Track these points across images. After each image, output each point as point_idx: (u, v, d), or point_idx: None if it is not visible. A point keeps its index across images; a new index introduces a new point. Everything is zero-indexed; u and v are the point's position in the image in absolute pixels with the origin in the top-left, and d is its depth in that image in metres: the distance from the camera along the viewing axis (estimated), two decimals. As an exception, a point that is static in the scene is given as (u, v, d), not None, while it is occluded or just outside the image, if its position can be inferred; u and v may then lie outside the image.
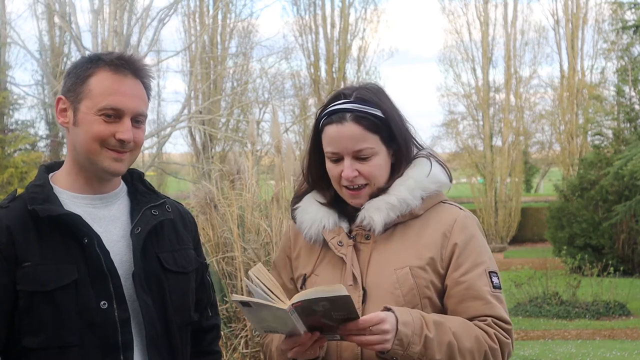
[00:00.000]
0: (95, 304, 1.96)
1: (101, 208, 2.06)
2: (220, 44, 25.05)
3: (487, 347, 2.07)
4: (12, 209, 2.00)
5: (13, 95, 20.98)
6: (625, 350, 9.81)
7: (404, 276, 2.11)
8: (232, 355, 5.29)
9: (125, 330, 1.99)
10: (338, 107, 2.17)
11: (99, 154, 2.01)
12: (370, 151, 2.15)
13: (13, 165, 17.89)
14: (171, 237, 2.15)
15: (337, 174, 2.18)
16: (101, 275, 1.98)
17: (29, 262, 1.94)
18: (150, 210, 2.11)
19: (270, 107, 24.17)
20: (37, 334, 1.94)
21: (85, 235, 1.98)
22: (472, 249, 2.16)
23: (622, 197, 18.34)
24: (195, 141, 24.28)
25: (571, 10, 27.98)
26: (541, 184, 42.76)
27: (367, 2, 27.15)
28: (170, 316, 2.08)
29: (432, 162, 2.22)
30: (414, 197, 2.16)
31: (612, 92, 24.38)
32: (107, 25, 18.62)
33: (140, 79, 2.06)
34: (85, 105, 2.01)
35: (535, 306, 13.33)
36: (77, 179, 2.07)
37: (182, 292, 2.13)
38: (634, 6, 16.81)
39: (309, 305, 1.91)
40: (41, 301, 1.93)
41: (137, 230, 2.06)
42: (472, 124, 29.38)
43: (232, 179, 5.58)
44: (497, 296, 2.15)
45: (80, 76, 2.03)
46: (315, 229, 2.22)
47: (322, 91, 26.47)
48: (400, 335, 1.97)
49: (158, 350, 2.04)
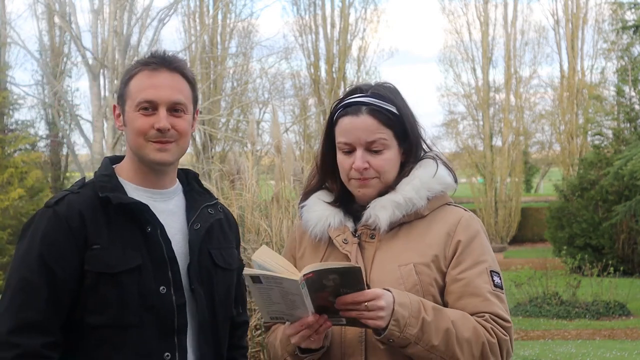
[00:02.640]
0: (155, 288, 2.09)
1: (160, 202, 2.20)
2: (220, 44, 25.05)
3: (485, 340, 2.08)
4: (82, 195, 2.13)
5: (13, 95, 20.97)
6: (625, 350, 9.81)
7: (408, 272, 2.12)
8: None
9: (181, 315, 2.11)
10: (354, 100, 2.21)
11: (145, 147, 2.15)
12: (383, 144, 2.18)
13: (13, 165, 17.87)
14: (219, 236, 2.29)
15: (347, 166, 2.20)
16: (162, 262, 2.11)
17: (98, 244, 2.07)
18: (207, 209, 2.26)
19: (270, 107, 24.22)
20: (101, 313, 2.06)
21: (150, 223, 2.11)
22: (474, 247, 2.17)
23: (622, 197, 18.34)
24: (195, 141, 24.26)
25: (571, 10, 27.99)
26: (541, 184, 42.78)
27: (367, 2, 27.18)
28: (217, 308, 2.21)
29: (439, 163, 2.24)
30: (419, 197, 2.18)
31: (612, 92, 24.41)
32: (107, 25, 18.62)
33: (176, 71, 2.18)
34: (128, 105, 2.17)
35: (535, 306, 13.33)
36: (137, 173, 2.21)
37: (227, 287, 2.27)
38: (634, 6, 16.82)
39: (320, 278, 1.93)
40: (107, 282, 2.06)
41: (197, 226, 2.20)
42: (472, 124, 29.42)
43: (232, 179, 5.58)
44: (497, 295, 2.15)
45: (123, 81, 2.21)
46: (320, 227, 2.24)
47: (322, 91, 26.47)
48: (396, 316, 1.99)
49: (206, 337, 2.17)
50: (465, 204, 30.65)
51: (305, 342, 2.06)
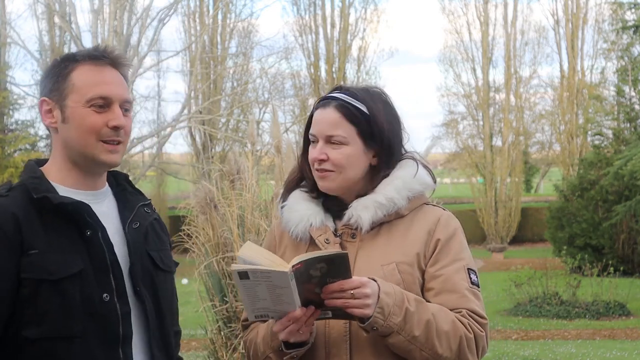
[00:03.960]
0: (98, 296, 1.96)
1: (94, 204, 2.05)
2: (220, 44, 25.04)
3: (463, 334, 2.11)
4: (13, 198, 1.99)
5: (13, 95, 20.96)
6: (625, 350, 9.81)
7: (391, 272, 2.15)
8: (232, 355, 5.29)
9: (126, 324, 1.99)
10: (328, 95, 2.29)
11: (94, 147, 2.02)
12: (342, 139, 2.21)
13: (13, 165, 17.89)
14: (154, 237, 2.17)
15: (310, 157, 2.26)
16: (103, 267, 1.98)
17: (35, 250, 1.92)
18: (143, 208, 2.16)
19: (270, 107, 24.18)
20: (39, 324, 1.91)
21: (90, 226, 1.99)
22: (452, 245, 2.21)
23: (622, 197, 18.33)
24: (195, 141, 24.28)
25: (571, 10, 27.97)
26: (541, 184, 42.77)
27: (367, 2, 27.15)
28: (164, 313, 2.10)
29: (418, 164, 2.28)
30: (400, 197, 2.21)
31: (612, 92, 24.38)
32: (107, 25, 18.60)
33: (118, 68, 2.08)
34: (72, 100, 2.02)
35: (535, 306, 13.33)
36: (69, 175, 2.07)
37: (170, 290, 2.17)
38: (634, 6, 16.81)
39: (307, 269, 1.94)
40: (47, 290, 1.91)
41: (136, 225, 2.09)
42: (472, 124, 29.37)
43: (232, 179, 5.58)
44: (474, 292, 2.19)
45: (60, 74, 2.05)
46: (302, 227, 2.25)
47: (322, 91, 26.44)
48: (381, 304, 2.01)
49: (155, 346, 2.06)
50: (465, 204, 30.70)
51: (293, 337, 2.06)
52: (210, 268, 5.52)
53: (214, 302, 5.53)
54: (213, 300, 5.56)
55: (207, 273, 5.57)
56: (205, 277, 5.60)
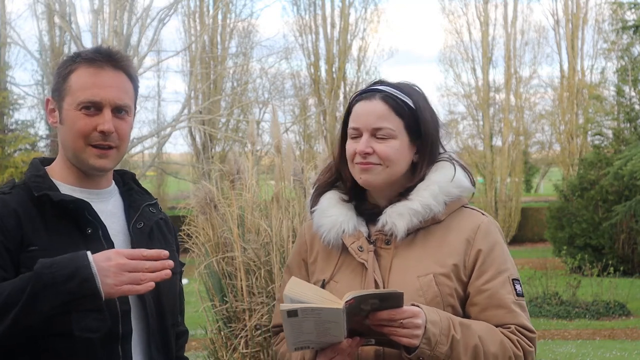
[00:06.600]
0: None
1: (98, 202, 2.06)
2: (220, 44, 25.04)
3: (512, 353, 2.05)
4: (15, 195, 2.01)
5: (13, 95, 20.98)
6: (625, 350, 9.80)
7: (428, 283, 2.07)
8: (232, 355, 5.29)
9: (126, 322, 1.99)
10: (371, 88, 2.18)
11: (83, 151, 2.02)
12: (390, 132, 2.12)
13: (13, 165, 17.90)
14: (160, 237, 2.17)
15: (352, 150, 2.15)
16: None
17: (35, 246, 1.93)
18: (149, 208, 2.15)
19: (270, 107, 24.21)
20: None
21: (91, 224, 1.99)
22: (495, 256, 2.13)
23: (622, 197, 18.31)
24: (195, 141, 24.28)
25: (571, 10, 27.97)
26: (541, 184, 42.76)
27: (367, 2, 27.16)
28: (165, 313, 2.10)
29: (455, 165, 2.19)
30: (437, 203, 2.12)
31: (612, 92, 24.37)
32: (107, 25, 18.61)
33: (122, 70, 2.06)
34: (67, 102, 2.03)
35: (535, 306, 13.32)
36: (70, 173, 2.08)
37: (173, 291, 2.16)
38: (634, 6, 16.80)
39: (359, 303, 1.88)
40: None
41: (140, 225, 2.09)
42: (472, 124, 29.39)
43: (232, 179, 5.58)
44: (520, 304, 2.13)
45: (61, 75, 2.05)
46: (334, 234, 2.17)
47: (322, 91, 26.46)
48: (428, 334, 1.95)
49: (154, 344, 2.06)
50: (465, 204, 30.62)
51: None
52: (210, 268, 5.52)
53: (214, 302, 5.53)
54: (213, 300, 5.56)
55: (207, 273, 5.57)
56: (205, 277, 5.59)
